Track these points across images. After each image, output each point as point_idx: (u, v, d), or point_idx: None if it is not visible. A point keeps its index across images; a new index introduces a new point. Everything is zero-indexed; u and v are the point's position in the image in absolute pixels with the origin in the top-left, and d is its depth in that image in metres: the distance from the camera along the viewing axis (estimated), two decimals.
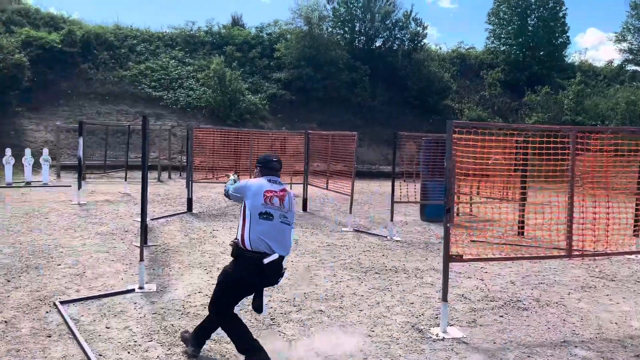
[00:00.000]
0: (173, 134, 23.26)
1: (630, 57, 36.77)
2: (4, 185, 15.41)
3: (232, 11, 50.35)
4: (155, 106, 25.31)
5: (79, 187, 12.78)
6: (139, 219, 10.33)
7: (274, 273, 4.12)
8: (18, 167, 19.40)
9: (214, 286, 4.31)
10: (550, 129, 6.39)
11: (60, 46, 24.82)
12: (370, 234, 10.21)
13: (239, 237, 4.06)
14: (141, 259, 6.10)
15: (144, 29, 29.36)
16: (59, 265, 6.96)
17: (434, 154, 11.52)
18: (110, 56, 26.57)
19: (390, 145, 28.05)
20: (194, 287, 6.25)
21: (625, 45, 36.49)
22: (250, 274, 4.02)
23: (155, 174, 19.58)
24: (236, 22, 33.05)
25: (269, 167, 4.32)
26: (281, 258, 4.09)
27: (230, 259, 4.21)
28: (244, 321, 4.35)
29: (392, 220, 9.92)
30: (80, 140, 12.92)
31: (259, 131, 15.45)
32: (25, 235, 8.70)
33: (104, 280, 6.34)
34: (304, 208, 12.95)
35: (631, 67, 36.65)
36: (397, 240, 9.56)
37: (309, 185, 13.21)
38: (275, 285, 4.41)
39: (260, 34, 31.49)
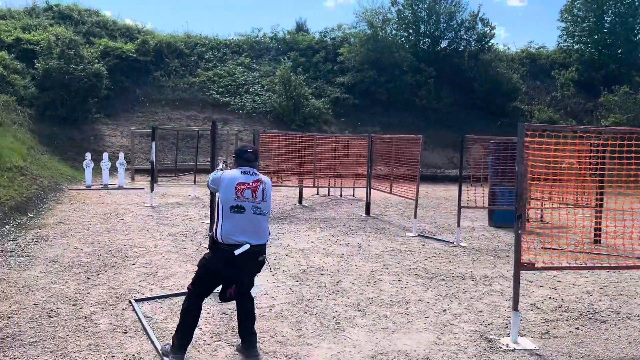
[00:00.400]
0: (240, 138, 23.82)
1: None
2: (84, 187, 16.34)
3: (296, 17, 50.96)
4: (223, 111, 26.06)
5: (152, 189, 13.36)
6: (208, 221, 10.67)
7: (249, 262, 4.15)
8: (96, 170, 20.58)
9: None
10: (631, 130, 6.02)
11: (135, 55, 26.09)
12: (435, 239, 10.02)
13: (213, 231, 4.17)
14: None
15: (212, 37, 30.34)
16: (134, 264, 7.29)
17: (503, 157, 11.16)
18: (181, 64, 27.63)
19: (455, 149, 27.50)
20: (259, 289, 6.36)
21: None
22: (224, 266, 4.13)
23: None
24: (300, 28, 33.48)
25: (243, 158, 4.34)
26: (257, 247, 4.13)
27: None
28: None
29: (459, 225, 9.69)
30: (153, 145, 13.52)
31: (323, 135, 15.57)
32: (103, 235, 9.19)
33: (175, 280, 6.58)
34: (367, 212, 12.90)
35: None
36: (464, 247, 9.32)
37: (372, 189, 13.13)
38: (258, 274, 4.48)
39: (324, 39, 31.72)
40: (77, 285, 6.23)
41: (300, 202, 14.44)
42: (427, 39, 31.32)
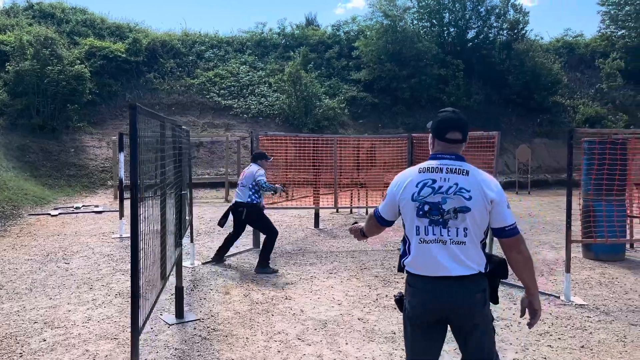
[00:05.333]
0: (244, 145, 20.61)
1: None
2: (48, 212, 13.19)
3: (305, 13, 47.26)
4: (225, 116, 22.90)
5: (120, 215, 10.13)
6: (193, 263, 7.41)
7: (235, 212, 7.59)
8: (74, 188, 17.48)
9: None
10: None
11: (124, 55, 23.02)
12: (519, 287, 6.61)
13: None
14: None
15: (212, 34, 27.27)
16: None
17: (609, 160, 7.72)
18: (177, 64, 24.54)
19: (494, 151, 23.95)
20: None
21: None
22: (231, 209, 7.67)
23: (222, 193, 16.94)
24: (310, 23, 30.31)
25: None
26: (237, 202, 7.54)
27: None
28: None
29: (568, 271, 6.20)
30: (121, 157, 10.31)
31: (344, 137, 12.25)
32: (17, 299, 5.96)
33: None
34: None
35: None
36: (580, 305, 5.90)
37: None
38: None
39: (337, 33, 28.49)
40: None
41: (316, 225, 11.13)
42: (452, 29, 27.92)
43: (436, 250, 2.67)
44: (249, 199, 7.40)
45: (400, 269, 2.87)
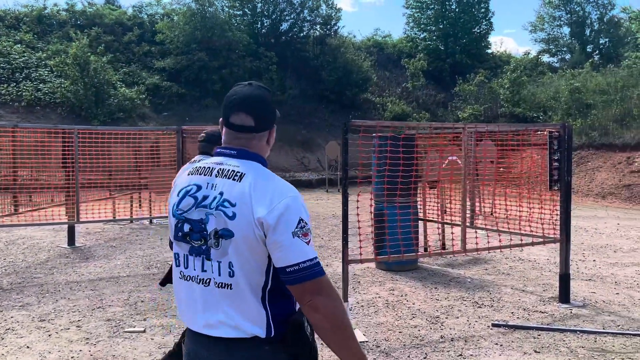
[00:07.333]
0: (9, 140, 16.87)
1: (546, 47, 35.20)
2: None
3: None
4: None
5: None
6: None
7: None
8: None
9: None
10: None
11: None
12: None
13: None
14: None
15: None
16: None
17: (397, 158, 6.76)
18: None
19: (306, 147, 23.44)
20: None
21: (541, 34, 34.76)
22: None
23: None
24: (109, 2, 26.85)
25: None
26: None
27: None
28: None
29: (346, 299, 4.94)
30: None
31: (90, 129, 9.86)
32: None
33: None
34: None
35: (547, 58, 34.94)
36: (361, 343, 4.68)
37: None
38: None
39: (139, 15, 25.56)
40: None
41: (71, 242, 8.75)
42: (265, 20, 26.85)
43: (197, 293, 1.77)
44: None
45: None
